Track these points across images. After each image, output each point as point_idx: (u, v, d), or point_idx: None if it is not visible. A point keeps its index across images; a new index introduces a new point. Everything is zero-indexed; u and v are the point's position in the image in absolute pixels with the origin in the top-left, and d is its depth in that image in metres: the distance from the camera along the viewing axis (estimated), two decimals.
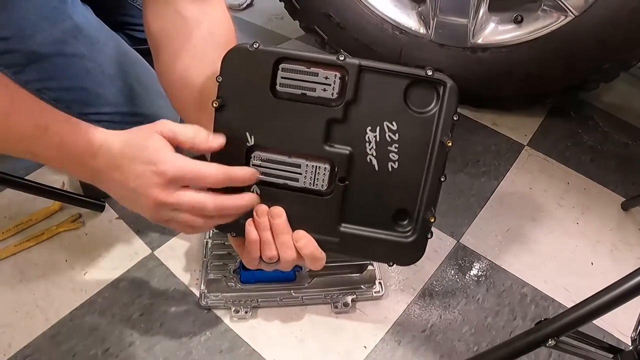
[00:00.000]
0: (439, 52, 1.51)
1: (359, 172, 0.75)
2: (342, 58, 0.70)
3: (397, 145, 0.74)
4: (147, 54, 1.06)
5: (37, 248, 1.11)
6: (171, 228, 0.79)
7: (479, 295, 1.08)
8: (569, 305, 0.89)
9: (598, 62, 1.37)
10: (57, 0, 0.99)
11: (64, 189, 1.14)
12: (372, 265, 1.04)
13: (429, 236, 0.78)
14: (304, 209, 0.76)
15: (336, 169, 0.75)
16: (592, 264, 1.16)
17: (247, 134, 0.74)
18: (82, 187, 1.18)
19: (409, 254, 0.79)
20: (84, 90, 1.02)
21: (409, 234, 0.78)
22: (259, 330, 0.99)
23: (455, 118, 0.73)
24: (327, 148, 0.74)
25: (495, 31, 1.46)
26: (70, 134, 0.72)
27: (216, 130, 0.74)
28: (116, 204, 1.19)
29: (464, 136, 1.49)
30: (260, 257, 0.76)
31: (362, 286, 1.04)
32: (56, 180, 1.20)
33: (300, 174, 0.75)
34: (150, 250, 1.11)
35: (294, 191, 0.76)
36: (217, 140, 0.72)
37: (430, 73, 0.73)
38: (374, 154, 0.75)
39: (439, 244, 1.17)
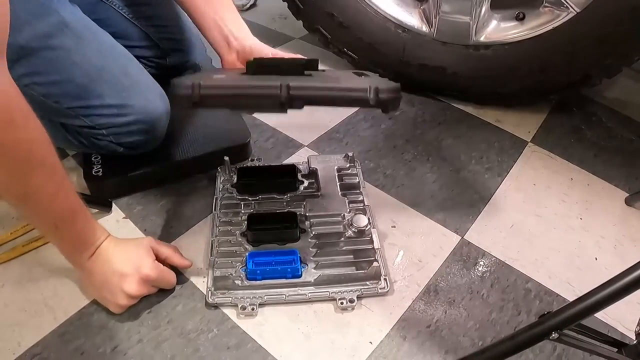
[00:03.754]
0: (442, 50, 1.52)
1: None
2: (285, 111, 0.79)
3: None
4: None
5: (45, 248, 1.11)
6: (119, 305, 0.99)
7: (483, 290, 1.08)
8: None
9: (600, 58, 1.38)
10: None
11: None
12: (378, 261, 1.05)
13: None
14: None
15: None
16: (596, 259, 1.16)
17: None
18: (89, 188, 1.19)
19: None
20: (71, 83, 1.03)
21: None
22: (266, 326, 0.99)
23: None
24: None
25: (498, 28, 1.47)
26: (88, 228, 0.92)
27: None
28: (123, 204, 1.20)
29: (468, 133, 1.49)
30: None
31: (368, 283, 1.04)
32: None
33: None
34: None
35: None
36: (184, 262, 1.06)
37: (371, 101, 0.79)
38: None
39: (444, 240, 1.17)
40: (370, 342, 0.98)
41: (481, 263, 1.13)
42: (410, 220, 1.21)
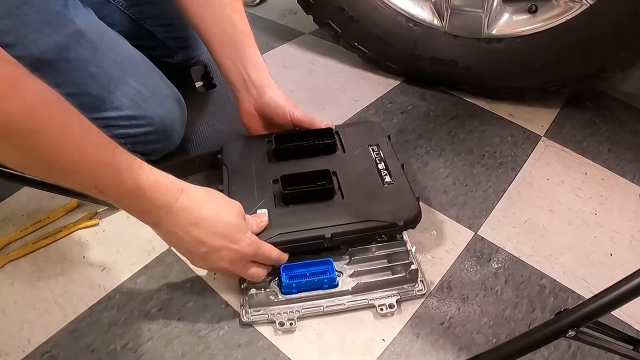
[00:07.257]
0: (454, 44, 1.50)
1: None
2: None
3: None
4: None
5: (54, 245, 1.11)
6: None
7: (497, 287, 1.07)
8: (588, 296, 0.88)
9: (613, 51, 1.36)
10: (60, 5, 0.99)
11: None
12: (414, 264, 1.01)
13: None
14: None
15: None
16: (610, 255, 1.15)
17: None
18: None
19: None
20: (88, 95, 1.02)
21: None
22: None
23: None
24: None
25: (510, 21, 1.46)
26: (146, 180, 0.78)
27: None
28: None
29: (480, 128, 1.48)
30: None
31: (405, 286, 1.02)
32: None
33: None
34: (168, 246, 1.11)
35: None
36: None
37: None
38: None
39: (457, 236, 1.17)
40: (383, 340, 0.97)
41: (495, 259, 1.12)
42: (423, 216, 1.20)
